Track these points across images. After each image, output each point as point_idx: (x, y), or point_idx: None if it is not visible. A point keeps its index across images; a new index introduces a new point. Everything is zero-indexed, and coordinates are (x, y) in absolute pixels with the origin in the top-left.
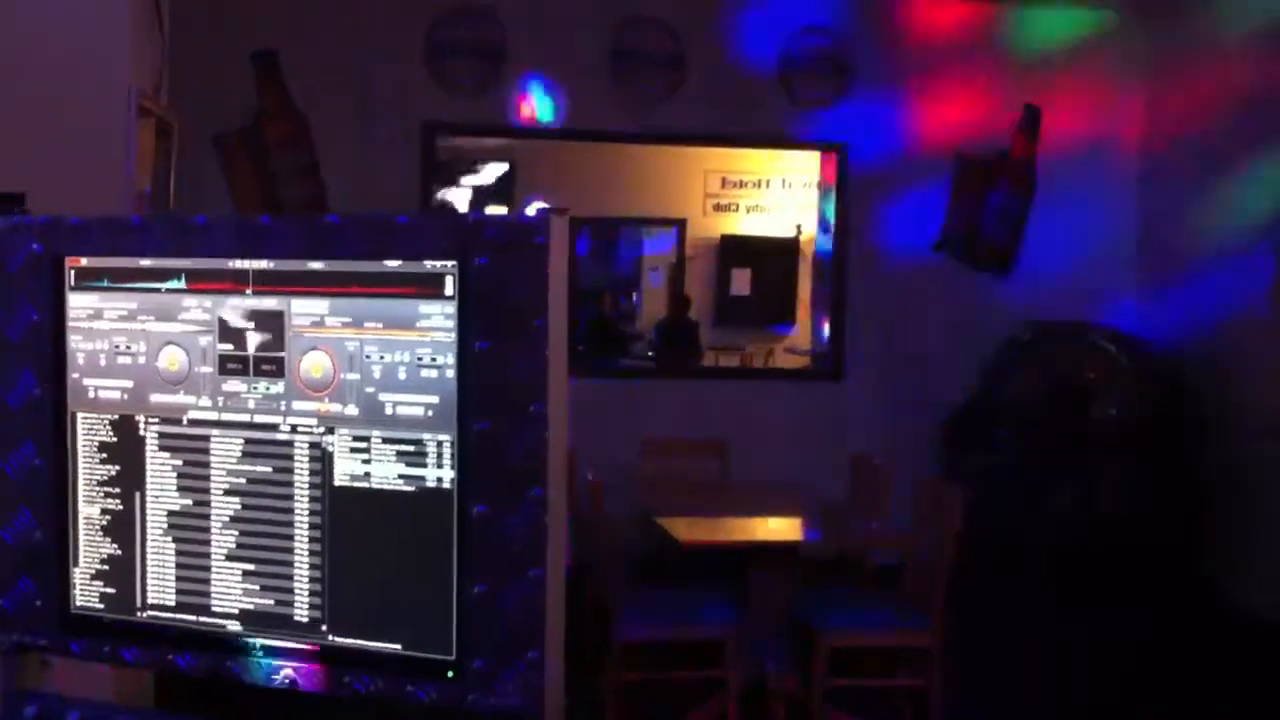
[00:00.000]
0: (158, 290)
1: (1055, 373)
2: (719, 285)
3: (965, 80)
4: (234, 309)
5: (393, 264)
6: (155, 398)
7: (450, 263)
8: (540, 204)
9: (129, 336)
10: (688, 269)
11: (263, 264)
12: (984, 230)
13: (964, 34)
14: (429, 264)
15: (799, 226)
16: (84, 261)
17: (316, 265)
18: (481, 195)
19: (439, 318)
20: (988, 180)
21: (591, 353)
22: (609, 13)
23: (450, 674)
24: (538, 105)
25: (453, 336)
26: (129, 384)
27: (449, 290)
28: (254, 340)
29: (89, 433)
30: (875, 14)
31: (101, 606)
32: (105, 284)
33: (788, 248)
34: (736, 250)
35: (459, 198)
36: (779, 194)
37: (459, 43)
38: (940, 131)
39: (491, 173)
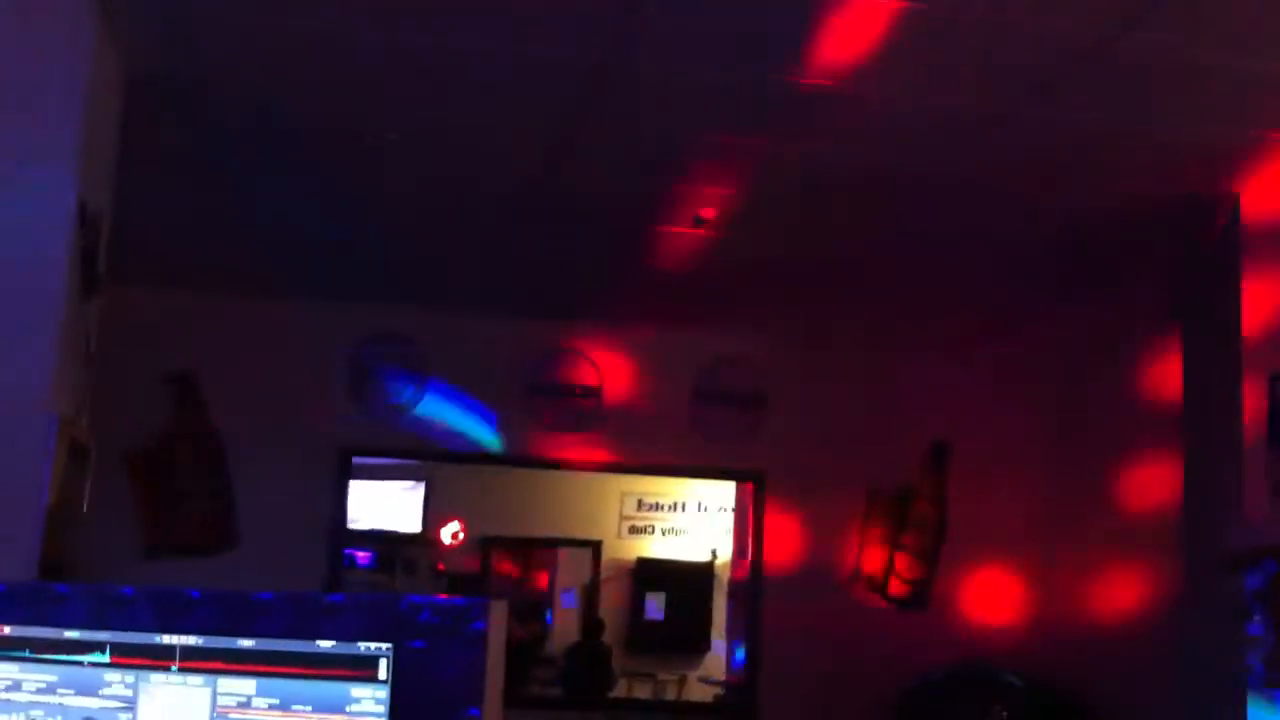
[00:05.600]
0: (80, 664)
1: None
2: (633, 609)
3: (877, 414)
4: (157, 686)
5: (325, 644)
6: None
7: (384, 645)
8: (456, 527)
9: (46, 711)
10: (602, 591)
11: (189, 639)
12: (896, 566)
13: (874, 371)
14: (362, 646)
15: (714, 551)
16: (6, 630)
17: (245, 643)
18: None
19: (370, 702)
20: (899, 515)
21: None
22: (528, 345)
23: None
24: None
25: None
26: None
27: (382, 674)
28: None
29: None
30: (789, 347)
31: None
32: (27, 654)
33: (703, 572)
34: (651, 573)
35: (372, 513)
36: (695, 517)
37: (379, 369)
38: (853, 463)
39: (407, 491)
